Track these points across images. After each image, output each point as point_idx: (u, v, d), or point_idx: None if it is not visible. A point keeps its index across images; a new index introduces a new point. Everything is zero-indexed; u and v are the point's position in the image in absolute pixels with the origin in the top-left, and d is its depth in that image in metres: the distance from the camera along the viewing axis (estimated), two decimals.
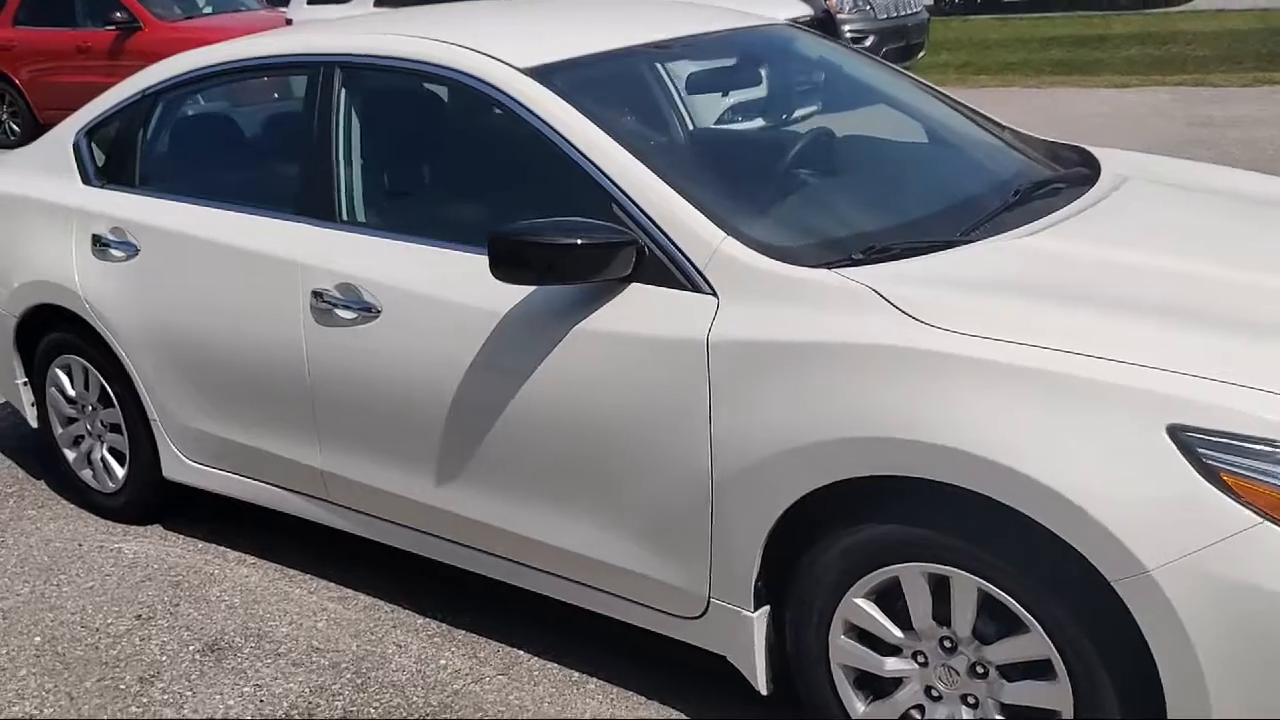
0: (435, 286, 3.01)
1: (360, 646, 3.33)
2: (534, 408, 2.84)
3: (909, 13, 13.34)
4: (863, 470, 2.37)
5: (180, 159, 3.87)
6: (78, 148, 4.05)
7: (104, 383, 3.98)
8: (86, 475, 4.20)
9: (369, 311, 3.12)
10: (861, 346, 2.39)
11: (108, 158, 3.98)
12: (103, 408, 4.06)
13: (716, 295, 2.61)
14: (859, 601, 2.50)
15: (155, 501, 4.07)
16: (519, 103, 2.97)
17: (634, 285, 2.72)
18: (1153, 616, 2.10)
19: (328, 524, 3.53)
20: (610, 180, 2.78)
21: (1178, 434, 2.10)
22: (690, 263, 2.65)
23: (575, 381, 2.77)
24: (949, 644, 2.43)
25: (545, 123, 2.91)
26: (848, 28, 12.26)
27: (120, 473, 4.08)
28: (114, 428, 4.04)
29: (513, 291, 2.86)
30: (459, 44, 3.15)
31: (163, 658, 3.34)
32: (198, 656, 3.34)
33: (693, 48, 3.50)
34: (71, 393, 4.13)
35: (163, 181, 3.81)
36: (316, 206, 3.33)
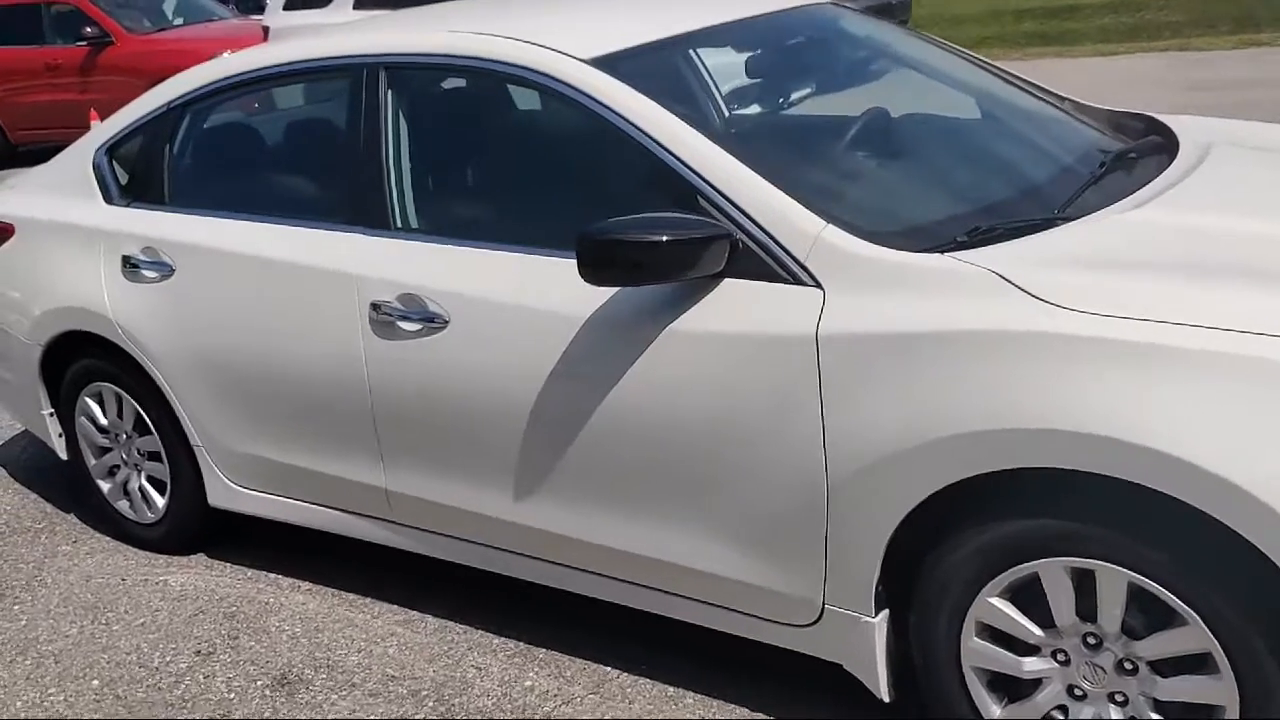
0: (508, 293, 2.87)
1: (438, 672, 3.19)
2: (623, 415, 2.71)
3: None
4: (998, 464, 2.25)
5: (212, 172, 3.70)
6: (98, 166, 3.88)
7: (140, 409, 3.81)
8: (123, 506, 4.04)
9: (435, 322, 2.98)
10: (990, 334, 2.26)
11: (131, 175, 3.81)
12: (139, 436, 3.89)
13: (821, 287, 2.48)
14: (994, 601, 2.38)
15: (200, 530, 3.91)
16: (588, 95, 2.83)
17: (727, 281, 2.59)
18: None
19: (392, 545, 3.39)
20: (695, 172, 2.65)
21: None
22: (789, 254, 2.52)
23: (669, 385, 2.63)
24: (1093, 640, 2.31)
25: (619, 115, 2.77)
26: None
27: (161, 502, 3.91)
28: (152, 456, 3.88)
29: (593, 294, 2.73)
30: (514, 37, 3.00)
31: (230, 695, 3.19)
32: (268, 692, 3.19)
33: (748, 30, 3.37)
34: (104, 421, 3.96)
35: (195, 197, 3.64)
36: (368, 214, 3.18)
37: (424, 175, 3.16)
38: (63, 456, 4.20)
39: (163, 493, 3.91)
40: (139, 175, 3.78)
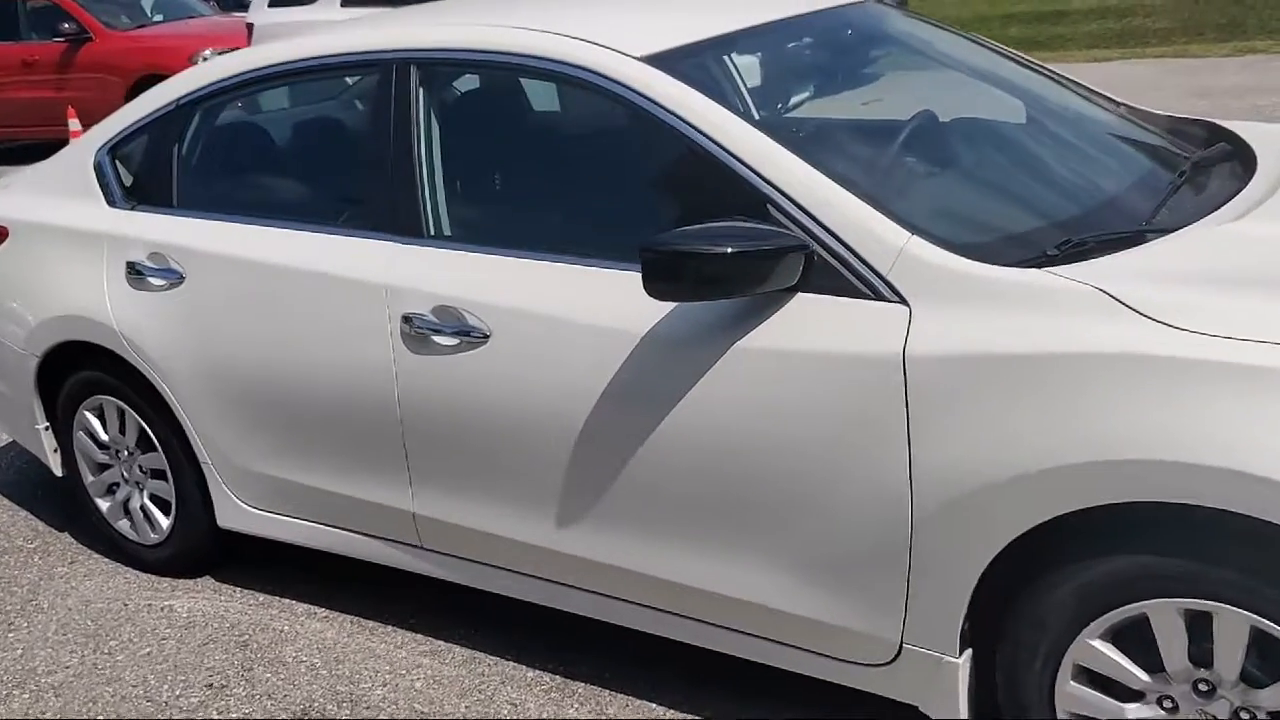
0: (556, 306, 2.68)
1: (470, 707, 2.99)
2: (683, 438, 2.53)
3: None
4: (1106, 498, 2.08)
5: (225, 175, 3.48)
6: (100, 167, 3.66)
7: (144, 425, 3.60)
8: (123, 526, 3.82)
9: (474, 336, 2.79)
10: (1098, 357, 2.09)
11: (136, 177, 3.59)
12: (142, 452, 3.67)
13: (906, 303, 2.30)
14: (1094, 643, 2.21)
15: (207, 553, 3.70)
16: (643, 95, 2.64)
17: (800, 296, 2.42)
18: None
19: (417, 571, 3.19)
20: (764, 178, 2.47)
21: None
22: (870, 267, 2.35)
23: (734, 408, 2.45)
24: (1205, 687, 2.14)
25: (678, 116, 2.59)
26: None
27: (165, 522, 3.70)
28: (156, 474, 3.66)
29: (650, 309, 2.54)
30: (560, 32, 2.81)
31: None
32: None
33: (796, 29, 3.19)
34: (104, 437, 3.74)
35: (206, 200, 3.43)
36: (398, 221, 2.98)
37: (460, 179, 2.96)
38: (58, 473, 3.98)
39: (167, 512, 3.69)
40: (144, 177, 3.56)
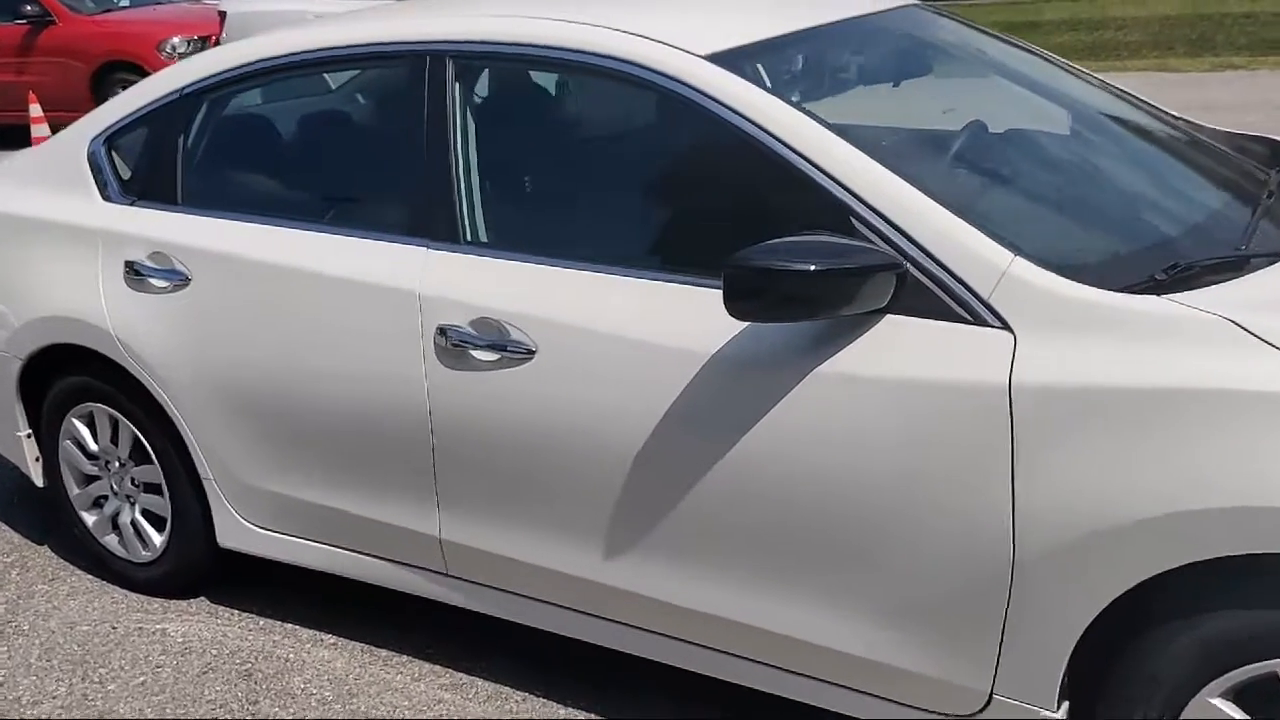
0: (612, 322, 2.48)
1: None
2: (755, 469, 2.34)
3: None
4: (1236, 548, 1.92)
5: (238, 170, 3.25)
6: (94, 158, 3.40)
7: (139, 435, 3.35)
8: (111, 542, 3.57)
9: (517, 352, 2.58)
10: (1233, 394, 1.93)
11: (135, 170, 3.34)
12: (135, 464, 3.43)
13: (1010, 329, 2.13)
14: (1215, 701, 2.04)
15: (204, 573, 3.46)
16: (709, 96, 2.45)
17: (889, 318, 2.24)
18: None
19: (441, 600, 2.97)
20: (849, 190, 2.28)
21: None
22: (970, 289, 2.17)
23: (815, 437, 2.27)
24: None
25: (749, 119, 2.40)
26: None
27: (158, 540, 3.45)
28: (151, 488, 3.42)
29: (719, 327, 2.35)
30: (616, 26, 2.61)
31: None
32: None
33: (856, 31, 3.01)
34: (94, 447, 3.49)
35: (215, 198, 3.19)
36: (431, 224, 2.76)
37: (500, 182, 2.76)
38: (39, 483, 3.71)
39: (160, 529, 3.45)
40: (145, 170, 3.31)
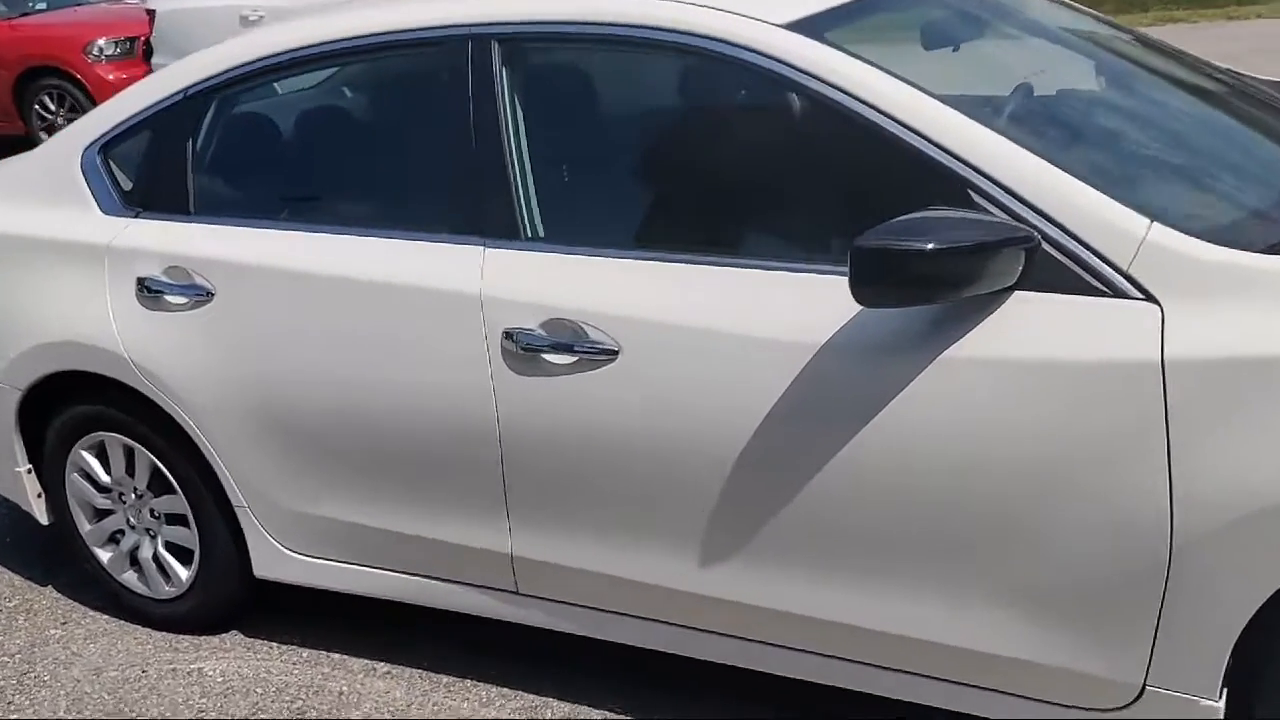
0: (704, 316, 2.31)
1: None
2: (877, 463, 2.19)
3: None
4: None
5: (256, 174, 3.02)
6: (89, 169, 3.15)
7: (159, 464, 3.13)
8: (130, 578, 3.34)
9: (597, 353, 2.41)
10: None
11: (137, 179, 3.11)
12: (154, 495, 3.20)
13: (1156, 301, 2.00)
14: None
15: (235, 606, 3.24)
16: (798, 68, 2.29)
17: (1018, 294, 2.10)
18: None
19: (513, 620, 2.80)
20: (964, 161, 2.14)
21: None
22: (1106, 260, 2.04)
23: (941, 427, 2.13)
24: None
25: (846, 92, 2.24)
26: None
27: (184, 574, 3.23)
28: (174, 518, 3.20)
29: (827, 315, 2.21)
30: None
31: None
32: None
33: None
34: (105, 479, 3.26)
35: (235, 205, 2.97)
36: (486, 221, 2.58)
37: (561, 172, 2.58)
38: (43, 521, 3.46)
39: (185, 561, 3.23)
40: (149, 179, 3.08)
